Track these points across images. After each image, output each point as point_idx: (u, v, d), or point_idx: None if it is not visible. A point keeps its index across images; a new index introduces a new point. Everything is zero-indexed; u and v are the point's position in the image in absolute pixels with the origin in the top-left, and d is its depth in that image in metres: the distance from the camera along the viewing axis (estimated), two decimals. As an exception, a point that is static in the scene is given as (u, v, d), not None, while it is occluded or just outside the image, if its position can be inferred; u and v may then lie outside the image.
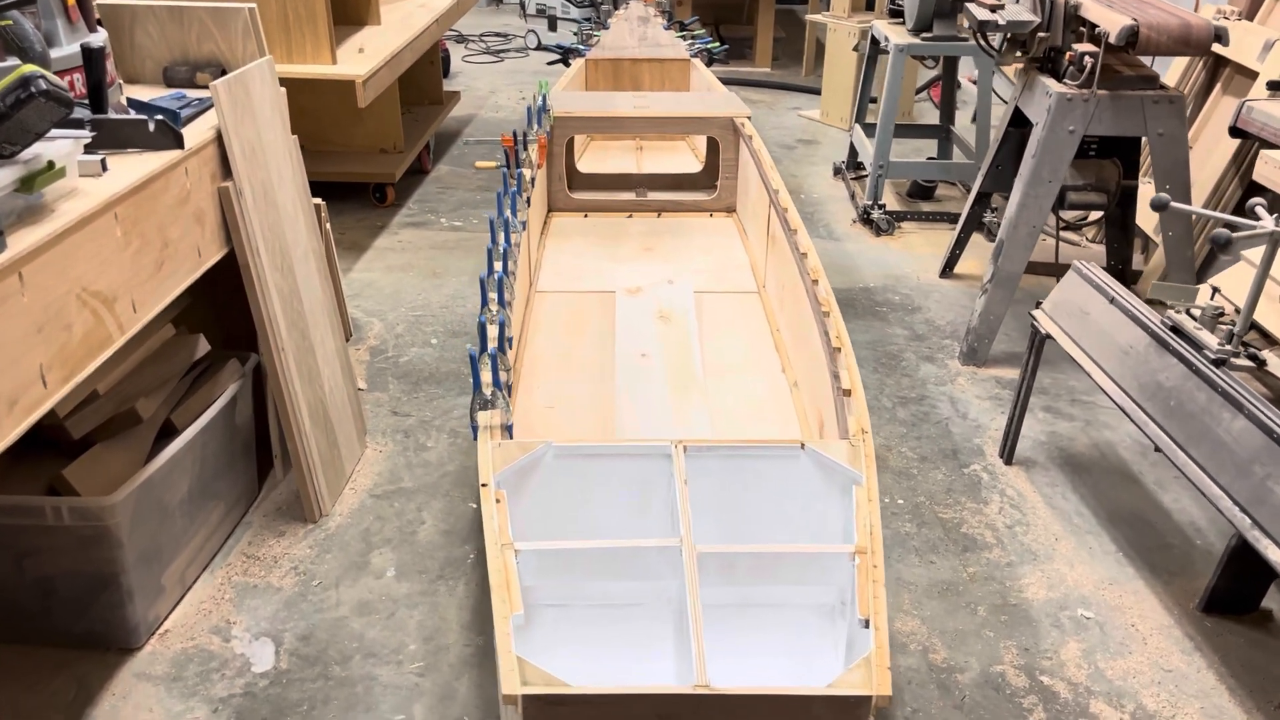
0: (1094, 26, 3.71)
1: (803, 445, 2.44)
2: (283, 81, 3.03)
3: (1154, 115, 3.70)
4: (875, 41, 5.83)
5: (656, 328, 3.79)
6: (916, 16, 5.16)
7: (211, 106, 2.75)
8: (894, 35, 5.32)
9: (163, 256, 2.36)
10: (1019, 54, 4.06)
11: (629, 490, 2.49)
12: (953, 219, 5.45)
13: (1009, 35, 4.05)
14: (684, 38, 6.63)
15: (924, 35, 5.21)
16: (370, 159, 5.60)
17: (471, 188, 5.94)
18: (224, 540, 2.92)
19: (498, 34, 10.42)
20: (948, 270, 4.83)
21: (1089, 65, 3.64)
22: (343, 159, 5.58)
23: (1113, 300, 2.95)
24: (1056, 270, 4.32)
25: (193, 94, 2.90)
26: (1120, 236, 4.53)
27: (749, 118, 4.78)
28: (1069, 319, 3.12)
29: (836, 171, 6.26)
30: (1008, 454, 3.37)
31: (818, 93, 8.21)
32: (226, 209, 2.65)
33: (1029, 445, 3.44)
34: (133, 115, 2.43)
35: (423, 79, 6.39)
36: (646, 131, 4.90)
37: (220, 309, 3.18)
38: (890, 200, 5.70)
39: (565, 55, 6.32)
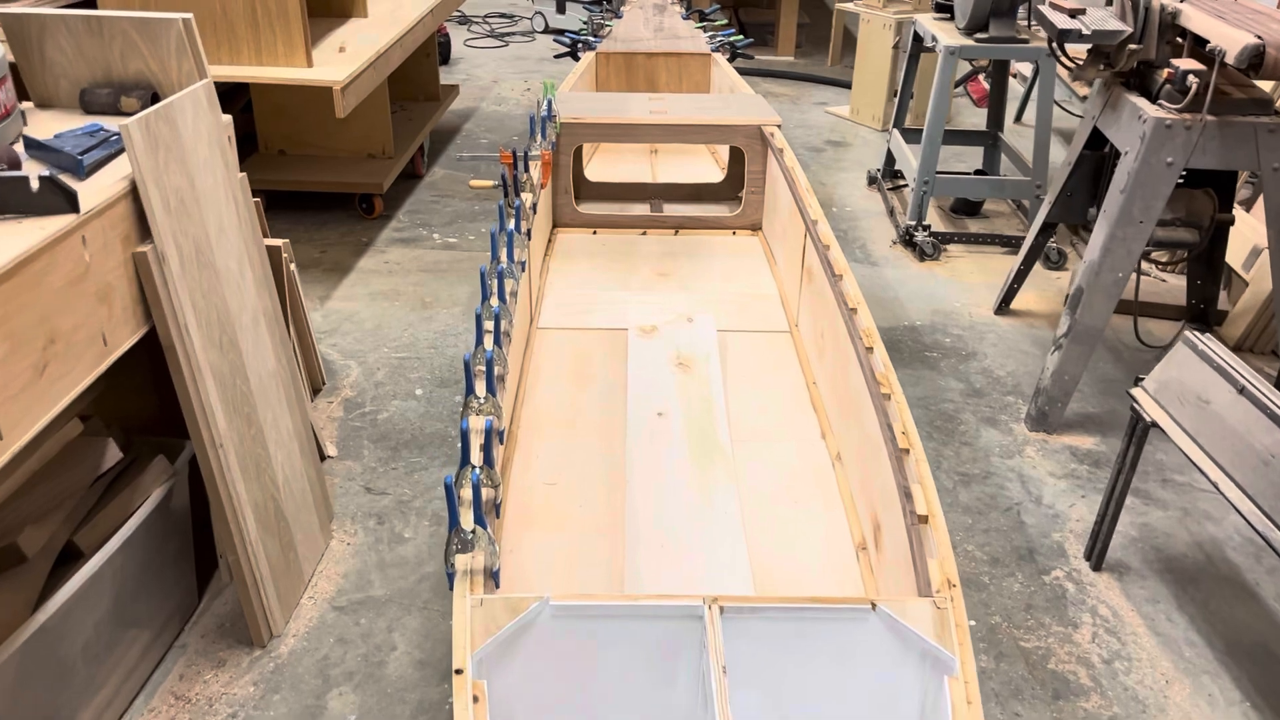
0: (1199, 40, 3.14)
1: (873, 605, 1.89)
2: (251, 86, 2.47)
3: (1269, 146, 3.13)
4: (918, 38, 5.24)
5: (674, 378, 3.26)
6: (970, 15, 4.57)
7: (131, 145, 2.20)
8: (943, 34, 4.73)
9: (46, 357, 1.81)
10: (1102, 67, 3.48)
11: (648, 656, 1.95)
12: (1005, 241, 4.88)
13: (1092, 46, 3.47)
14: (704, 29, 6.06)
15: (978, 36, 4.62)
16: (356, 166, 5.03)
17: (469, 196, 5.38)
18: (150, 672, 2.39)
19: (503, 14, 9.82)
20: (1004, 305, 4.27)
21: (1194, 86, 3.06)
22: (324, 166, 5.01)
23: (1243, 390, 2.39)
24: (1135, 309, 3.77)
25: (114, 124, 2.34)
26: (1205, 273, 3.96)
27: (779, 126, 4.23)
28: (1182, 406, 2.56)
29: (871, 181, 5.68)
30: (1096, 558, 2.82)
31: (846, 86, 7.62)
32: (144, 279, 2.10)
33: (1118, 542, 2.89)
34: (10, 172, 1.88)
35: (416, 72, 5.82)
36: (663, 140, 4.36)
37: (150, 379, 2.63)
38: (932, 217, 5.13)
39: (574, 47, 5.75)
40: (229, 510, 2.33)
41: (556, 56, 5.90)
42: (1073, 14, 3.50)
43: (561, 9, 9.13)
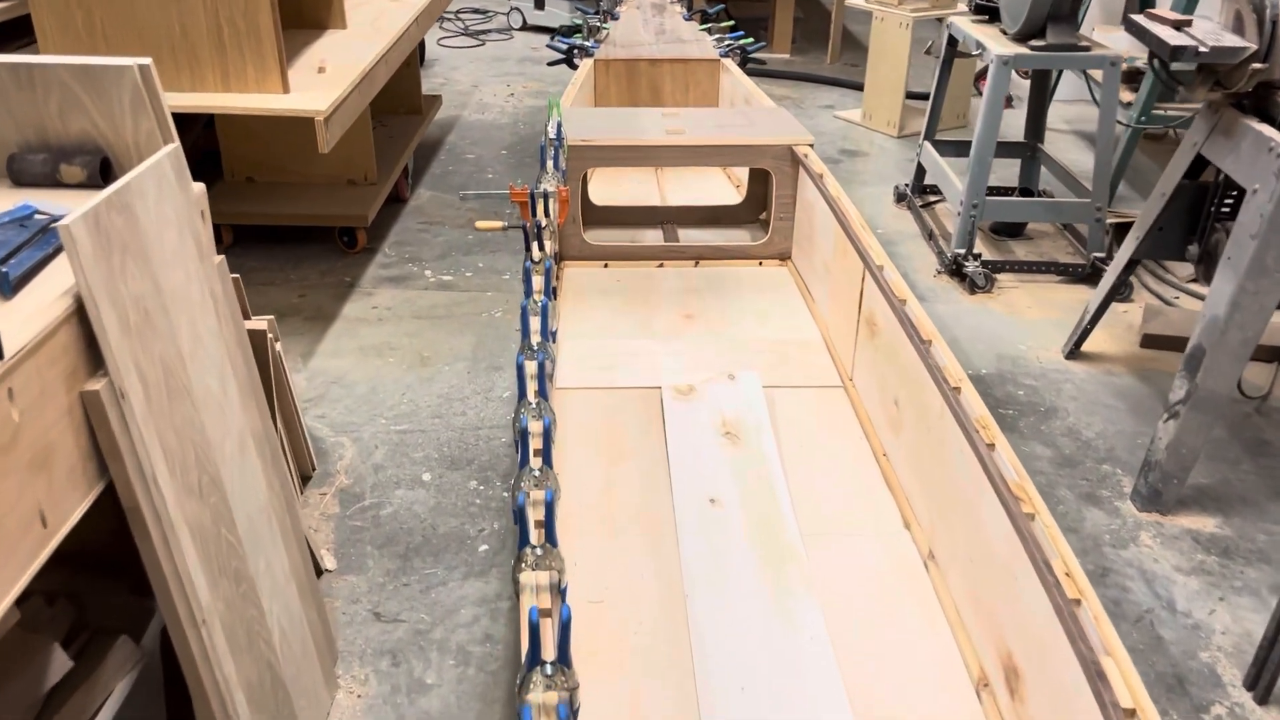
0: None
1: None
2: (216, 118, 1.93)
3: None
4: (953, 41, 4.77)
5: (723, 453, 2.79)
6: (1025, 19, 4.08)
7: (75, 238, 1.66)
8: (991, 41, 4.24)
9: (-41, 573, 1.29)
10: (1213, 87, 3.02)
11: None
12: (1061, 269, 4.42)
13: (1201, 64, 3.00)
14: (709, 31, 5.55)
15: (1033, 43, 4.14)
16: (336, 195, 4.48)
17: (460, 223, 4.84)
18: None
19: (477, 10, 9.25)
20: (1075, 348, 3.80)
21: (1341, 115, 2.60)
22: (301, 195, 4.46)
23: None
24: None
25: (53, 203, 1.81)
26: (1305, 312, 3.52)
27: (811, 145, 3.75)
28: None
29: (900, 197, 5.20)
30: (1262, 690, 2.36)
31: (850, 86, 7.15)
32: (98, 426, 1.57)
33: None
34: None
35: (397, 83, 5.24)
36: (682, 163, 3.86)
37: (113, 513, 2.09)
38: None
39: (569, 55, 5.22)
40: (214, 700, 1.80)
41: (550, 64, 5.36)
42: (1178, 26, 3.03)
43: (540, 5, 8.57)
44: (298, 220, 4.35)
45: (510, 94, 6.94)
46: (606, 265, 3.82)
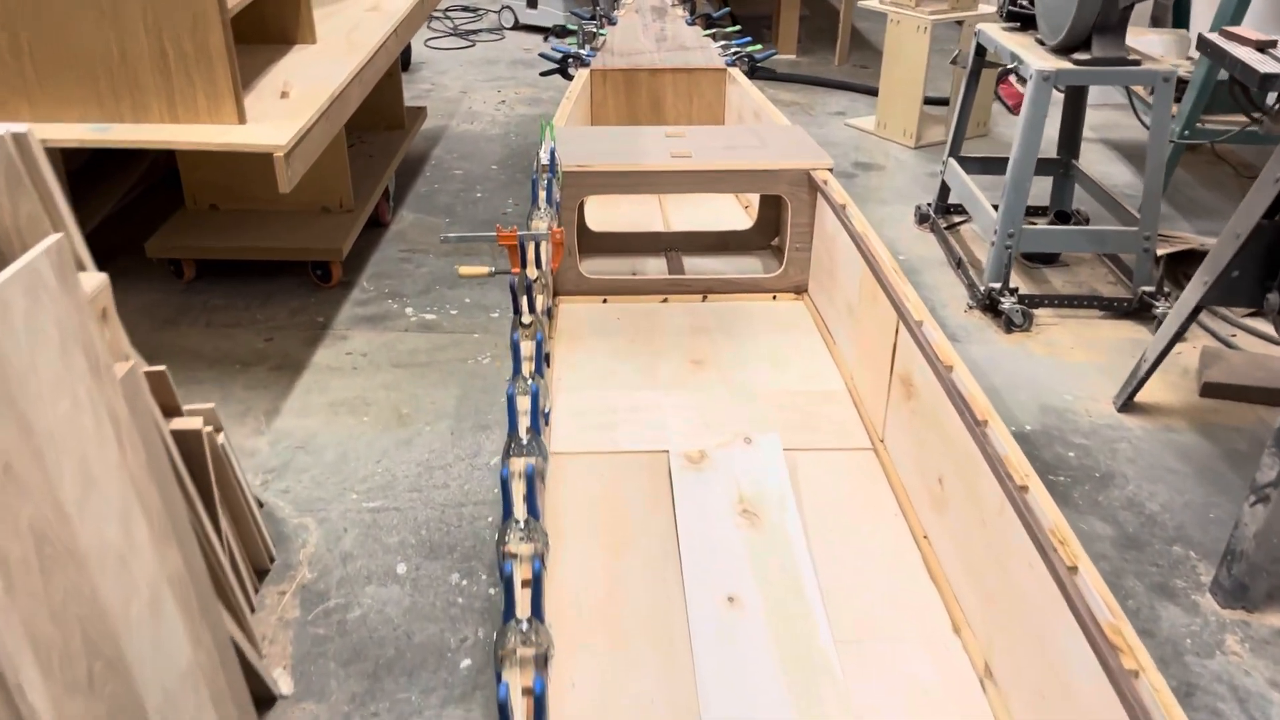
0: None
1: None
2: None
3: None
4: (981, 50, 4.37)
5: (740, 536, 2.44)
6: (1067, 30, 3.68)
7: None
8: (1028, 54, 3.84)
9: None
10: (1303, 119, 2.63)
11: None
12: (1106, 305, 4.02)
13: (1291, 90, 2.61)
14: (714, 36, 5.16)
15: (1077, 57, 3.73)
16: (308, 224, 4.07)
17: (446, 250, 4.44)
18: None
19: (466, 8, 8.82)
20: (1129, 399, 3.41)
21: None
22: (268, 224, 4.05)
23: None
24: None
25: (-96, 309, 1.41)
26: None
27: (831, 170, 3.38)
28: None
29: (923, 218, 4.80)
30: None
31: (862, 91, 6.75)
32: (-66, 632, 1.18)
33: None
34: None
35: (376, 97, 4.84)
36: (689, 189, 3.47)
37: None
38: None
39: (564, 63, 4.83)
40: None
41: (543, 74, 4.96)
42: (1261, 48, 2.64)
43: (533, 3, 8.15)
44: (265, 255, 3.95)
45: (501, 100, 6.53)
46: (605, 300, 3.46)
